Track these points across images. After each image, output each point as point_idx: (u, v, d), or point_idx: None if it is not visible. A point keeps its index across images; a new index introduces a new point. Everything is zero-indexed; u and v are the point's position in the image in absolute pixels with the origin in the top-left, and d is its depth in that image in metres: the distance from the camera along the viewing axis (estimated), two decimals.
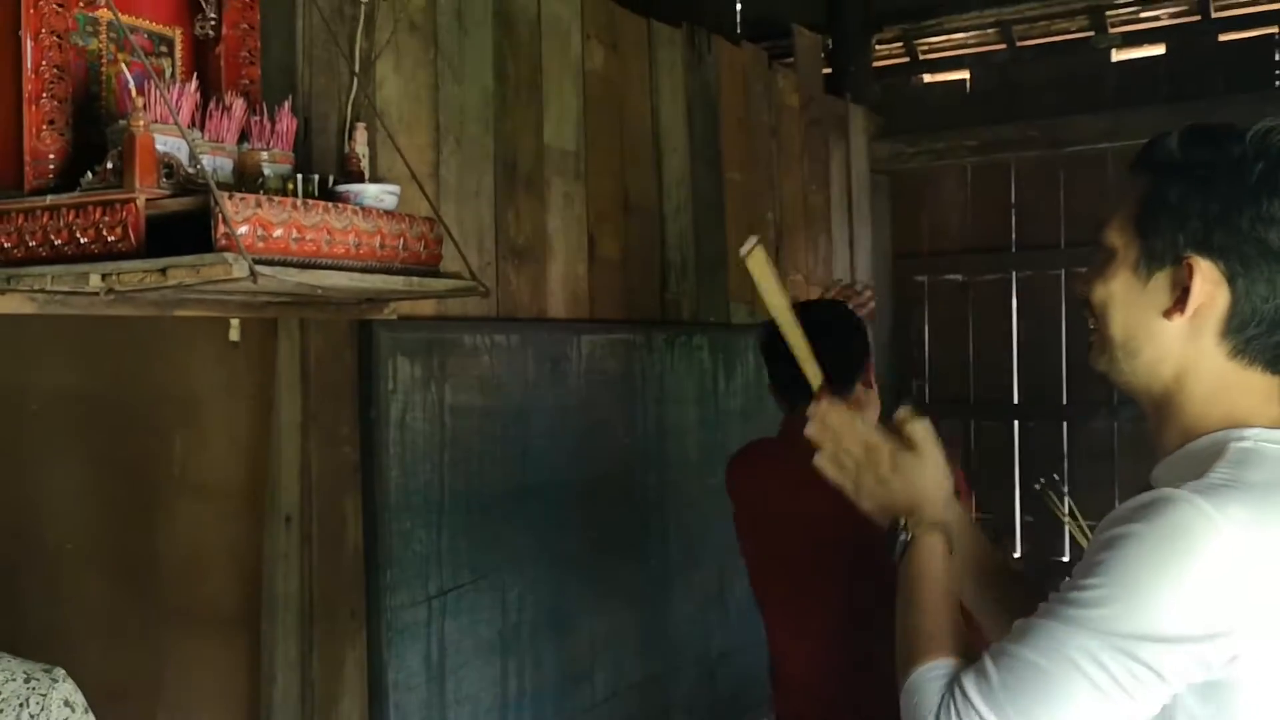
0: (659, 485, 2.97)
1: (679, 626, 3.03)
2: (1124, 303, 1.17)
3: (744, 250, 1.35)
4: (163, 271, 1.43)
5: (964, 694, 1.05)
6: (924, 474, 1.29)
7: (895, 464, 1.29)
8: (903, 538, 1.26)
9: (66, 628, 1.75)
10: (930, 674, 1.11)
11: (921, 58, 4.62)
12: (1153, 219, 1.13)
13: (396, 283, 1.71)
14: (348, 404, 2.14)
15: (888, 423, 1.34)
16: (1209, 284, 1.11)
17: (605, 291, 2.88)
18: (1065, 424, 4.40)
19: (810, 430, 1.33)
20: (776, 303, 1.36)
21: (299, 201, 1.57)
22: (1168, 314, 1.13)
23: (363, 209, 1.67)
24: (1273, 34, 4.00)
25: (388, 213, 1.71)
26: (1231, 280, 1.10)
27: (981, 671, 1.05)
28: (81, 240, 1.51)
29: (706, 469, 3.13)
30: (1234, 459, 1.08)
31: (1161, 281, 1.14)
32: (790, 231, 3.75)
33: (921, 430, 1.31)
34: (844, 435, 1.31)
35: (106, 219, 1.50)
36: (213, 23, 1.83)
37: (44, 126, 1.59)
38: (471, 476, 2.37)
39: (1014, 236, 4.38)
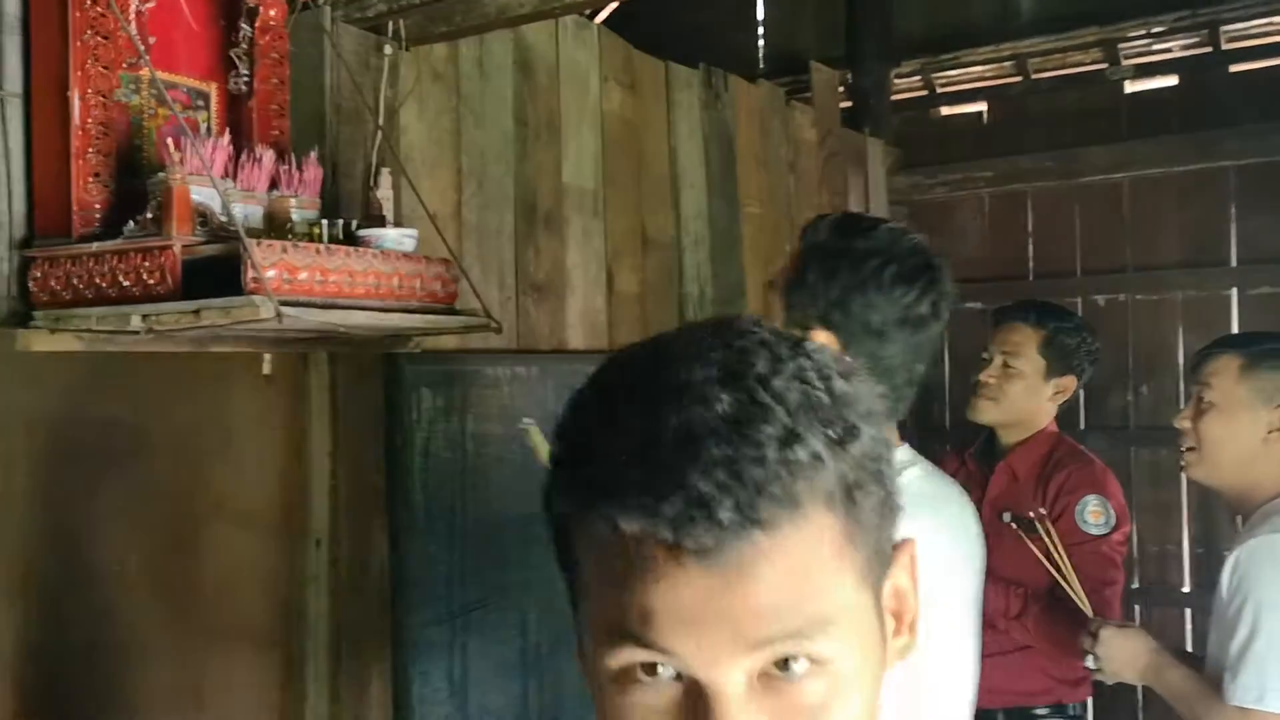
0: None
1: None
2: None
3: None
4: (196, 313, 1.55)
5: None
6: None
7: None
8: None
9: (113, 644, 1.87)
10: None
11: (939, 91, 4.70)
12: (795, 292, 1.39)
13: (414, 320, 1.82)
14: (374, 433, 2.26)
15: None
16: None
17: (624, 323, 2.99)
18: None
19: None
20: None
21: (322, 246, 1.69)
22: None
23: (383, 252, 1.79)
24: None
25: (406, 255, 1.83)
26: (845, 351, 1.31)
27: None
28: (124, 284, 1.62)
29: None
30: None
31: None
32: None
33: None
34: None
35: (146, 264, 1.62)
36: (245, 78, 1.96)
37: (89, 179, 1.70)
38: (492, 501, 2.47)
39: (1031, 264, 4.43)
